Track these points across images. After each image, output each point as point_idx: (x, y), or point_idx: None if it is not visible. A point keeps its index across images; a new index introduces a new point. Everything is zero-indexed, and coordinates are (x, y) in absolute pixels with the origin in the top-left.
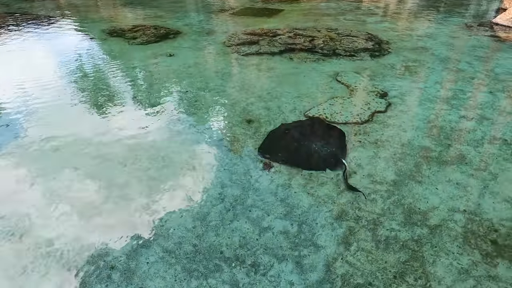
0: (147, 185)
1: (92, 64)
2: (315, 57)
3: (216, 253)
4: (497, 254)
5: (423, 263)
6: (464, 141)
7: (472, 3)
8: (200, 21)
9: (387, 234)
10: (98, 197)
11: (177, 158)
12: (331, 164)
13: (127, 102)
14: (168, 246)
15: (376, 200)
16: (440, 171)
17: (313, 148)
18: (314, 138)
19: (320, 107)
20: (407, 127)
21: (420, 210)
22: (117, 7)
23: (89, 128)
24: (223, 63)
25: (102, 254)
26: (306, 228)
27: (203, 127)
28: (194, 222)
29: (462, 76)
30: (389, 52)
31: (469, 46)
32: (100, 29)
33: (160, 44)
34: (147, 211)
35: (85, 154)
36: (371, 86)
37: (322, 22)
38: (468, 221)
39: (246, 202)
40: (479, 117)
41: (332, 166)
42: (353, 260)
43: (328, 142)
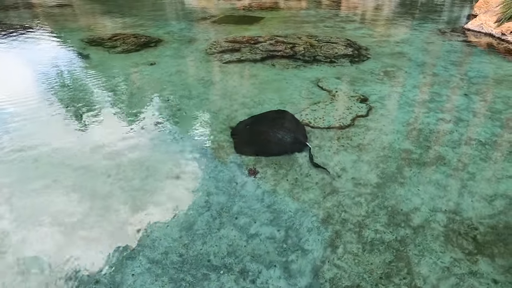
0: (131, 196)
1: (70, 74)
2: (296, 64)
3: (203, 261)
4: (477, 251)
5: (408, 263)
6: (443, 142)
7: (445, 10)
8: (181, 29)
9: (372, 236)
10: (80, 209)
11: (162, 167)
12: (297, 148)
13: (109, 112)
14: (154, 256)
15: (360, 203)
16: (421, 172)
17: (277, 137)
18: (275, 128)
19: (303, 113)
20: (388, 131)
21: (403, 211)
22: (95, 15)
23: (69, 139)
24: (205, 71)
25: (85, 268)
26: (293, 233)
27: (187, 135)
28: (180, 231)
29: (438, 80)
30: (368, 58)
31: (444, 51)
32: (78, 38)
33: (141, 53)
34: (132, 222)
35: (66, 166)
36: (352, 91)
37: (302, 29)
38: (449, 220)
39: (233, 209)
40: (456, 119)
41: (298, 149)
42: (341, 263)
43: (289, 129)
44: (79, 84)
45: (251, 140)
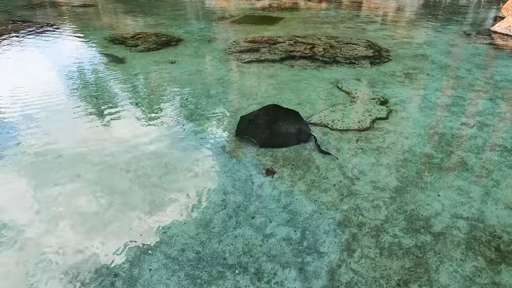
0: (150, 192)
1: (93, 72)
2: (315, 65)
3: (219, 259)
4: (500, 261)
5: (427, 269)
6: (465, 148)
7: (470, 11)
8: (201, 29)
9: (390, 241)
10: (100, 204)
11: (180, 165)
12: (304, 138)
13: (129, 110)
14: (171, 253)
15: (379, 206)
16: (442, 177)
17: (283, 129)
18: (279, 121)
19: (322, 114)
20: (409, 134)
21: (423, 216)
22: (118, 15)
23: (90, 135)
24: (224, 70)
25: (105, 261)
26: (309, 234)
27: (204, 133)
28: (197, 228)
29: (462, 83)
30: (389, 60)
31: (468, 53)
32: (101, 37)
33: (162, 52)
34: (150, 218)
35: (87, 161)
36: (372, 93)
37: (322, 30)
38: (471, 228)
39: (249, 208)
40: (480, 124)
41: (305, 139)
42: (357, 267)
43: (293, 122)
44: (101, 82)
45: (257, 134)
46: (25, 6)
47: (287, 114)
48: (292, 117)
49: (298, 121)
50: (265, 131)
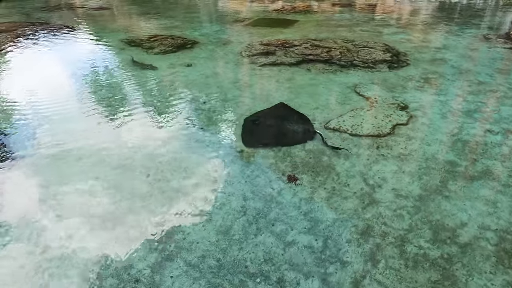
0: (169, 197)
1: (111, 74)
2: (332, 68)
3: (240, 267)
4: None
5: (454, 282)
6: (491, 155)
7: (488, 15)
8: (216, 32)
9: (415, 252)
10: (120, 208)
11: (199, 169)
12: (309, 136)
13: (147, 113)
14: (191, 259)
15: (402, 215)
16: (467, 186)
17: (289, 129)
18: (284, 121)
19: (340, 119)
20: (431, 141)
21: (449, 226)
22: (133, 17)
23: (109, 138)
24: (240, 73)
25: (126, 267)
26: (331, 243)
27: (223, 138)
28: (217, 235)
29: (484, 88)
30: (408, 64)
31: (489, 58)
32: (118, 39)
33: (178, 54)
34: (170, 223)
35: (106, 164)
36: (391, 98)
37: (337, 33)
38: (500, 240)
39: (269, 215)
40: (504, 131)
41: (310, 137)
42: (382, 279)
43: (297, 121)
44: (119, 84)
45: (264, 134)
46: (43, 8)
47: (291, 113)
48: (296, 116)
49: (302, 120)
50: (270, 131)
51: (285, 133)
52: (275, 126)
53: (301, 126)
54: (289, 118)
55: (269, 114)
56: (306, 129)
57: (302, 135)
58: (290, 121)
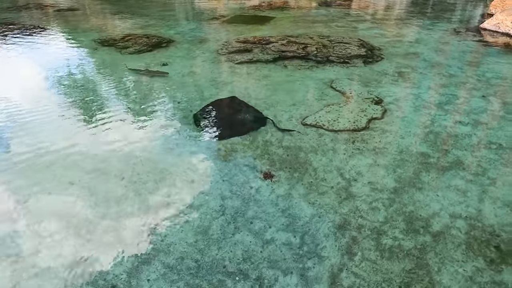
0: (146, 199)
1: (83, 75)
2: (309, 65)
3: (219, 267)
4: (501, 261)
5: (428, 271)
6: (461, 146)
7: (459, 9)
8: (192, 30)
9: (390, 243)
10: (95, 213)
11: (175, 170)
12: (261, 123)
13: (121, 114)
14: (169, 262)
15: (378, 208)
16: (439, 177)
17: (241, 118)
18: (235, 111)
19: (317, 115)
20: (404, 133)
21: (422, 217)
22: (106, 16)
23: (82, 141)
24: (217, 72)
25: (101, 273)
26: (309, 239)
27: (199, 137)
28: (195, 236)
29: (454, 81)
30: (382, 59)
31: (459, 51)
32: (90, 39)
33: (153, 53)
34: (146, 226)
35: (80, 168)
36: (366, 92)
37: (314, 29)
38: (471, 227)
39: (247, 214)
40: (474, 121)
41: (262, 124)
42: (359, 271)
43: (246, 110)
44: (92, 86)
45: (219, 126)
46: (10, 8)
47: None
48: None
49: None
50: (225, 122)
51: (239, 122)
52: (228, 117)
53: (252, 114)
54: (240, 108)
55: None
56: (257, 116)
57: (254, 123)
58: (241, 111)
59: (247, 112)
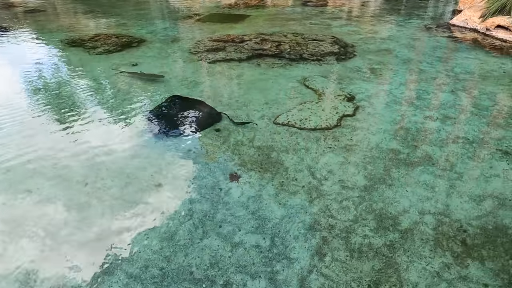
0: (109, 206)
1: (49, 77)
2: (282, 63)
3: (185, 274)
4: (467, 255)
5: (397, 269)
6: (430, 141)
7: (430, 6)
8: (164, 28)
9: (360, 242)
10: (55, 222)
11: (142, 174)
12: (217, 119)
13: (88, 116)
14: (133, 271)
15: (348, 207)
16: (409, 173)
17: (197, 114)
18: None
19: (289, 113)
20: (375, 130)
21: (391, 214)
22: (76, 15)
23: (44, 145)
24: (189, 71)
25: (60, 285)
26: (279, 241)
27: (169, 139)
28: (161, 242)
29: (425, 76)
30: (355, 55)
31: (430, 47)
32: (58, 39)
33: (123, 54)
34: (109, 234)
35: (40, 175)
36: (339, 90)
37: (288, 26)
38: (438, 223)
39: (216, 217)
40: (443, 116)
41: (218, 119)
42: (328, 272)
43: (201, 108)
44: (56, 88)
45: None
46: None
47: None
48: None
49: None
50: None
51: (195, 119)
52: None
53: (207, 110)
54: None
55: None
56: (211, 113)
57: (211, 119)
58: (196, 108)
59: (201, 109)
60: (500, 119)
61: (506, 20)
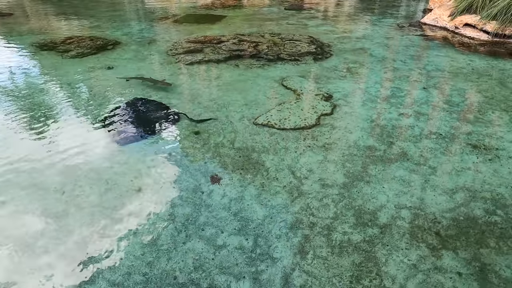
0: (89, 213)
1: (20, 82)
2: (260, 63)
3: (169, 279)
4: (441, 246)
5: (376, 263)
6: (405, 138)
7: (403, 4)
8: (140, 30)
9: (340, 238)
10: (32, 233)
11: (122, 179)
12: (176, 119)
13: (63, 122)
14: (115, 278)
15: (328, 204)
16: (385, 169)
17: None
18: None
19: (268, 114)
20: (353, 128)
21: (370, 210)
22: (48, 18)
23: (18, 154)
24: (166, 73)
25: None
26: (262, 241)
27: (148, 142)
28: (143, 248)
29: (399, 74)
30: (331, 55)
31: (403, 45)
32: (28, 43)
33: (98, 57)
34: (90, 242)
35: (15, 185)
36: (317, 89)
37: (265, 27)
38: (414, 216)
39: (199, 220)
40: (416, 113)
41: (177, 119)
42: (311, 269)
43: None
44: (29, 94)
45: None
46: None
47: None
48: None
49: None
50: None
51: (153, 121)
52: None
53: (164, 111)
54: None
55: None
56: (170, 112)
57: (169, 120)
58: (152, 111)
59: (158, 110)
60: (469, 114)
61: (473, 18)
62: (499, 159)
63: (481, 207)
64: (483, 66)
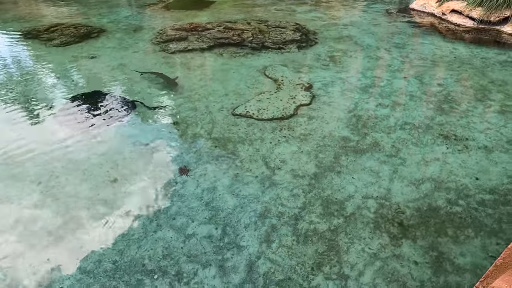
0: (64, 203)
1: (1, 71)
2: (244, 52)
3: (138, 267)
4: (402, 235)
5: (338, 251)
6: (379, 128)
7: None
8: (126, 17)
9: (306, 228)
10: (4, 224)
11: (98, 170)
12: (133, 107)
13: (43, 112)
14: (86, 266)
15: (298, 195)
16: (357, 160)
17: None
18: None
19: (248, 104)
20: (329, 119)
21: (338, 200)
22: (31, 5)
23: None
24: (150, 62)
25: (9, 285)
26: (230, 230)
27: (127, 133)
28: (115, 237)
29: (381, 63)
30: (316, 43)
31: (389, 33)
32: (11, 30)
33: (81, 45)
34: (63, 231)
35: None
36: (298, 79)
37: (253, 13)
38: (379, 206)
39: (171, 210)
40: (393, 103)
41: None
42: (275, 257)
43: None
44: (10, 82)
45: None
46: None
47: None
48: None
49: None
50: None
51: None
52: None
53: (119, 101)
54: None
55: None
56: (125, 101)
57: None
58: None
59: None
60: (445, 104)
61: (460, 4)
62: (467, 150)
63: (444, 198)
64: (466, 55)
